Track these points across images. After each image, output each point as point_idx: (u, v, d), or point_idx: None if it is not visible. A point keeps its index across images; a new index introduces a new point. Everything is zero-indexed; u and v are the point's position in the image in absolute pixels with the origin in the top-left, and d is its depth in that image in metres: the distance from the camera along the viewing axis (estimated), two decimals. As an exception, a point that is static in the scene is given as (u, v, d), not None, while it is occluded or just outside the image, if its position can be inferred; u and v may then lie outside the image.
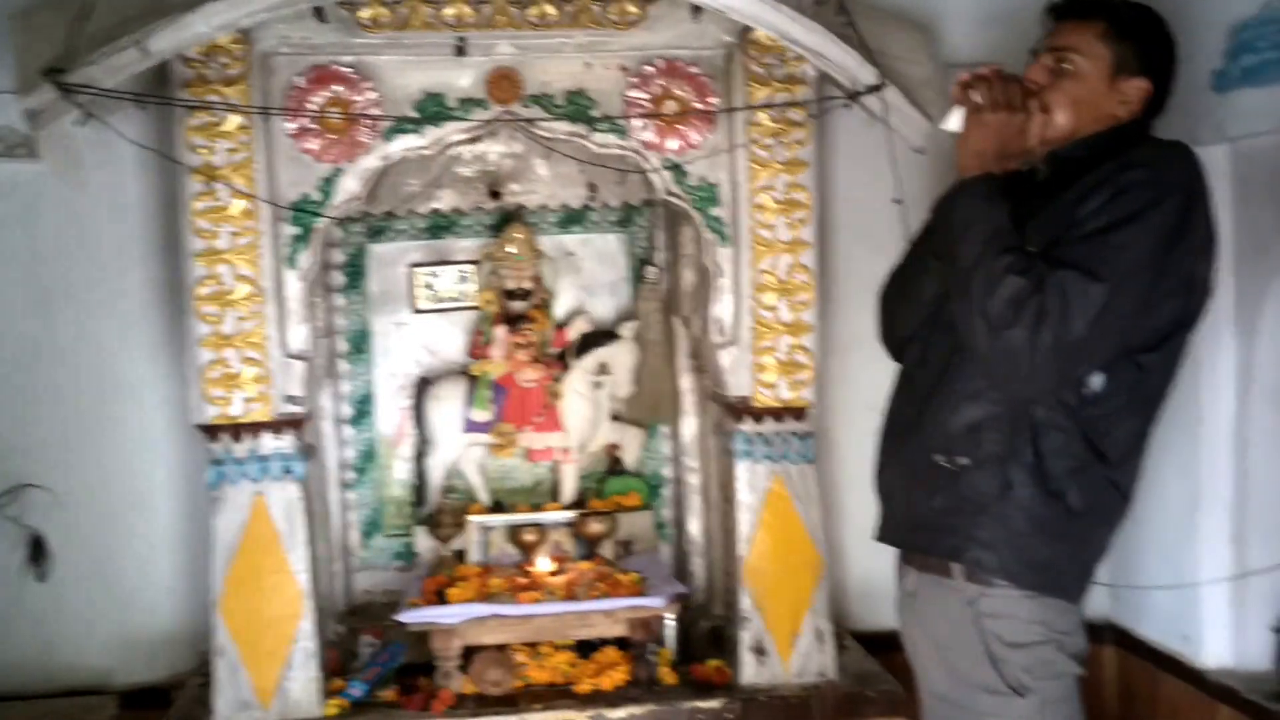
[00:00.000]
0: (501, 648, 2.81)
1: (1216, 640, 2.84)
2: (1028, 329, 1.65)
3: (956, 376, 1.83)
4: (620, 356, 3.19)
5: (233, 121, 2.60)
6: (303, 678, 2.67)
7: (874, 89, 2.63)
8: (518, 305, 3.21)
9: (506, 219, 3.24)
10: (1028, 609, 1.80)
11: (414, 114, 2.70)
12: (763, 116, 2.73)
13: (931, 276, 1.93)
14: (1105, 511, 1.84)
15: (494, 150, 3.18)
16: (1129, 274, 1.67)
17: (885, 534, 2.01)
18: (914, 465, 1.90)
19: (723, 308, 2.82)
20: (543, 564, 3.00)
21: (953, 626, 1.85)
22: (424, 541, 3.20)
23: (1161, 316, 1.74)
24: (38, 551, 2.90)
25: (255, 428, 2.66)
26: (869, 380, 3.20)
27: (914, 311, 1.98)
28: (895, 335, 2.06)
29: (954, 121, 1.84)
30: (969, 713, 1.84)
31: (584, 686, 2.77)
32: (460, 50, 2.65)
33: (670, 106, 2.75)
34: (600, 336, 3.22)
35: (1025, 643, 1.80)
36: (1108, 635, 3.24)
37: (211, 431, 2.66)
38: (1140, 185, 1.69)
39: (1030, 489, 1.78)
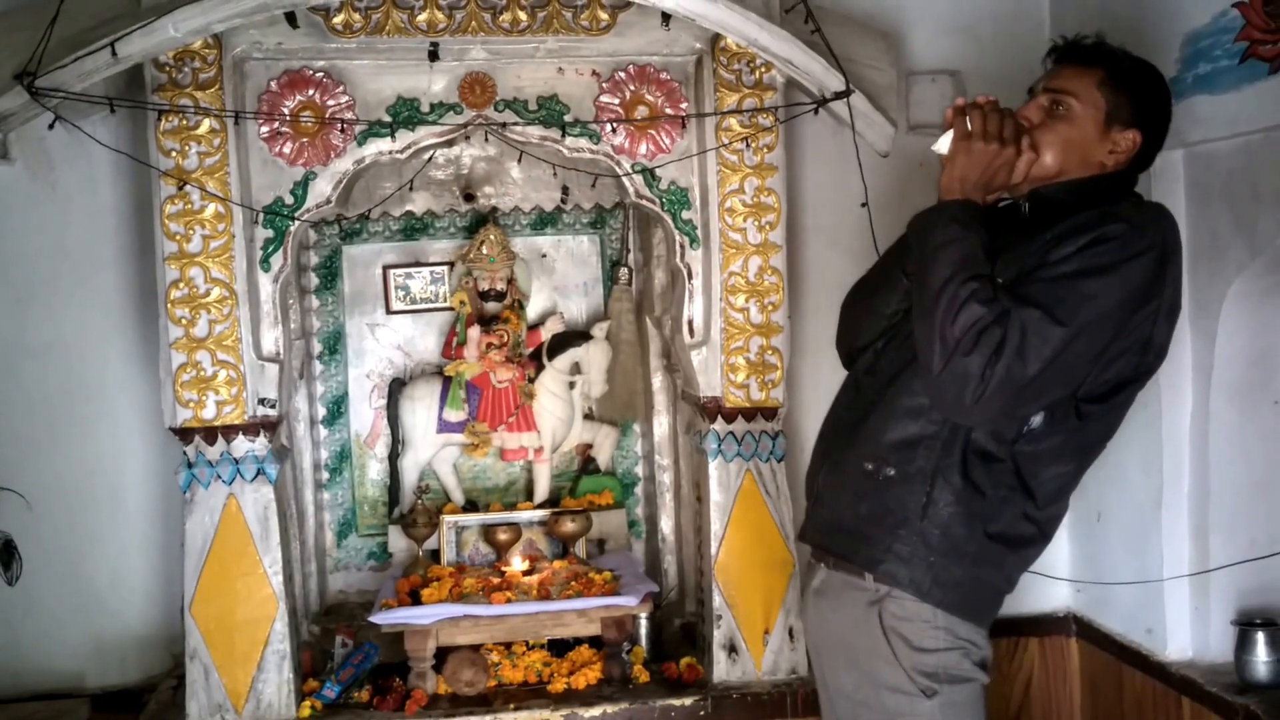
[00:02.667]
0: (475, 647, 2.83)
1: (1179, 634, 2.88)
2: (983, 358, 1.66)
3: (902, 391, 1.86)
4: (593, 356, 3.22)
5: (205, 125, 2.61)
6: (276, 680, 2.67)
7: (840, 95, 2.67)
8: (491, 306, 3.24)
9: (480, 221, 3.26)
10: (932, 614, 1.83)
11: (387, 118, 2.72)
12: (732, 121, 2.77)
13: (897, 291, 1.96)
14: (1021, 545, 1.87)
15: (468, 153, 3.21)
16: (1091, 323, 1.69)
17: (807, 534, 2.03)
18: (845, 470, 1.92)
19: (694, 309, 2.86)
20: (516, 563, 3.03)
21: (858, 626, 1.88)
22: (398, 541, 3.21)
23: (1113, 370, 1.77)
24: (7, 555, 2.88)
25: (228, 430, 2.67)
26: (838, 380, 3.26)
27: (875, 323, 2.00)
28: (852, 344, 2.08)
29: (943, 144, 1.83)
30: (875, 711, 1.87)
31: (558, 685, 2.79)
32: (433, 55, 2.67)
33: (641, 111, 2.78)
34: (573, 337, 3.25)
35: (931, 648, 1.83)
36: (1072, 628, 3.31)
37: (184, 434, 2.67)
38: (1118, 239, 1.72)
39: (952, 509, 1.81)
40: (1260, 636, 2.67)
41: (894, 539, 1.83)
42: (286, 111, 2.68)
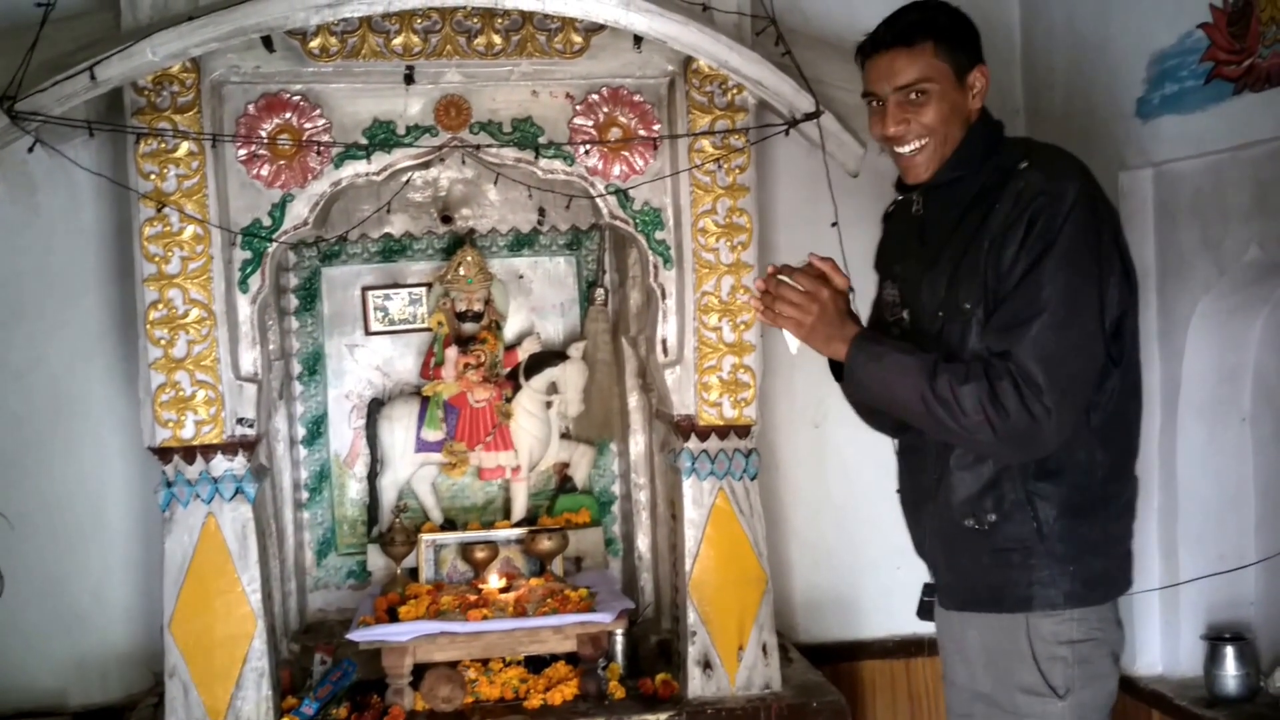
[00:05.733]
0: (452, 664, 2.85)
1: (1149, 648, 2.91)
2: (1019, 406, 1.72)
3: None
4: (569, 376, 3.25)
5: (184, 148, 2.64)
6: (254, 697, 2.69)
7: (811, 116, 2.70)
8: (469, 327, 3.26)
9: (458, 243, 3.28)
10: (1071, 610, 1.88)
11: (363, 141, 2.75)
12: (705, 143, 2.80)
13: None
14: (1135, 498, 1.95)
15: (445, 175, 3.24)
16: (1074, 295, 1.75)
17: (947, 601, 2.04)
18: (947, 534, 1.95)
19: (668, 328, 2.89)
20: (494, 581, 3.05)
21: (1003, 630, 1.91)
22: (377, 560, 3.24)
23: (1113, 307, 1.83)
24: (-12, 574, 2.91)
25: (207, 449, 2.69)
26: (811, 397, 3.33)
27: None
28: (893, 431, 2.14)
29: (793, 345, 1.97)
30: (1008, 713, 1.90)
31: (534, 702, 2.81)
32: (409, 78, 2.71)
33: (614, 133, 2.82)
34: (550, 357, 3.28)
35: (1072, 639, 1.86)
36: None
37: (163, 453, 2.69)
38: (1045, 211, 1.78)
39: (1065, 517, 1.85)
40: (1229, 651, 2.70)
41: (1029, 571, 1.87)
42: (264, 134, 2.71)
